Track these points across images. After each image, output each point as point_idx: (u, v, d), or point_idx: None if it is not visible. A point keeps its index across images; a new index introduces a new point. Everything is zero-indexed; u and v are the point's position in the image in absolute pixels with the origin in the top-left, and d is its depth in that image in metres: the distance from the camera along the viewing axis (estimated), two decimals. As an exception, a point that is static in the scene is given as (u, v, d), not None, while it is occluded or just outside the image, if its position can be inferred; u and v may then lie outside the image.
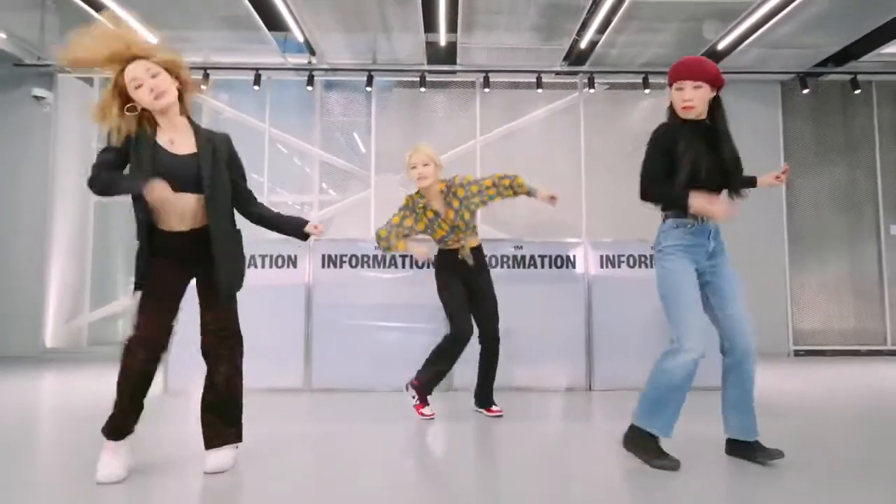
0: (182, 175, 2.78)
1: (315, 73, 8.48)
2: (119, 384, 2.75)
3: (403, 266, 5.64)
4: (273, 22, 7.35)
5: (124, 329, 9.09)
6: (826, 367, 7.26)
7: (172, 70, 2.83)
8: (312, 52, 8.22)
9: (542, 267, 5.77)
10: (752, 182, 3.34)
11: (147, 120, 2.82)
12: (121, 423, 2.78)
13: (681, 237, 2.99)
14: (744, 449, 3.04)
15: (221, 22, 7.29)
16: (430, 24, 7.36)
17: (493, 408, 4.33)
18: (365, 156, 9.02)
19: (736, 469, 2.96)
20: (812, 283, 8.73)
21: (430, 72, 8.51)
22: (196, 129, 2.95)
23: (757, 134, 8.72)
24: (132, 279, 2.89)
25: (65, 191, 8.61)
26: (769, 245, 8.62)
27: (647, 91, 8.54)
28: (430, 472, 3.15)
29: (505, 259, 5.78)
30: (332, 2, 6.66)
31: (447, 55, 8.21)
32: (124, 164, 2.79)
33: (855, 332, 8.65)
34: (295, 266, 5.73)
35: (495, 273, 4.68)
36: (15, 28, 7.59)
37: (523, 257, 5.79)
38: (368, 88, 8.49)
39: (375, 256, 5.69)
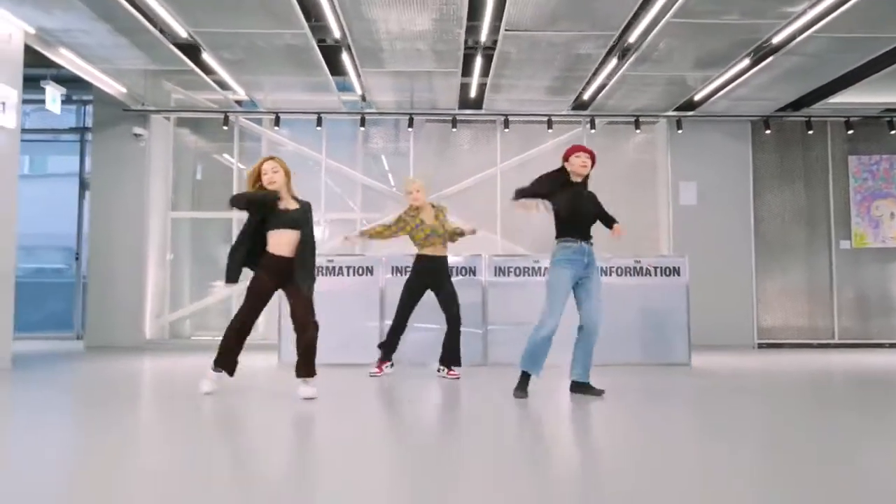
0: (289, 221, 5.77)
1: (366, 115, 11.63)
2: (224, 338, 5.79)
3: (455, 275, 8.76)
4: (333, 67, 10.08)
5: (192, 327, 12.26)
6: (782, 356, 10.38)
7: (283, 168, 5.85)
8: (364, 98, 11.33)
9: (553, 276, 8.86)
10: (610, 224, 6.08)
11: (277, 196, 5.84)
12: (222, 361, 5.83)
13: (568, 255, 5.72)
14: (581, 387, 5.83)
15: (293, 69, 10.06)
16: (465, 72, 10.36)
17: (454, 370, 7.37)
18: (402, 181, 12.16)
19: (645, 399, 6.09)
20: (774, 287, 11.92)
21: (460, 114, 11.67)
22: (298, 201, 5.93)
23: (731, 163, 11.93)
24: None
25: (154, 210, 11.72)
26: (739, 253, 11.80)
27: (638, 131, 11.73)
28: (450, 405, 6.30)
29: (526, 269, 8.90)
30: (389, 54, 9.57)
31: (475, 102, 11.35)
32: (256, 219, 5.78)
33: (809, 329, 11.86)
34: (371, 274, 8.85)
35: (518, 280, 7.86)
36: (129, 85, 10.69)
37: (539, 268, 8.87)
38: (410, 129, 11.66)
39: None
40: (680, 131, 11.68)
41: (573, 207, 5.77)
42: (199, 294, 12.36)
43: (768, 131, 11.73)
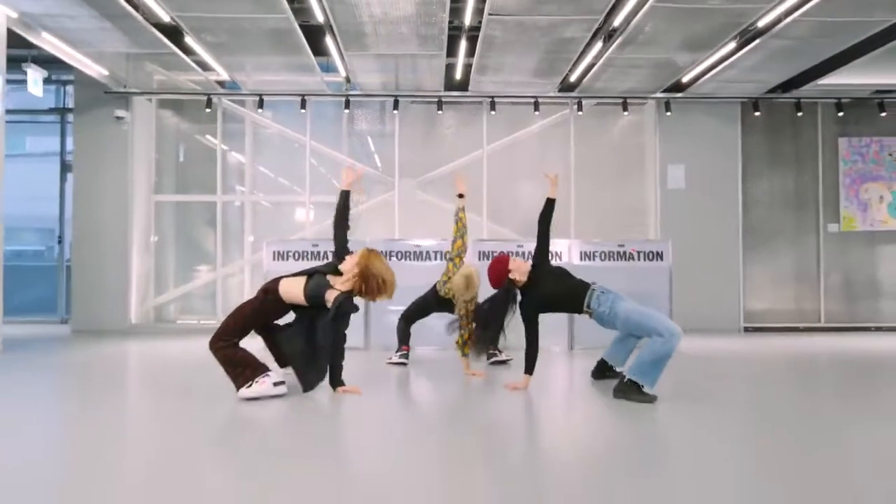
0: None
1: (350, 97, 11.95)
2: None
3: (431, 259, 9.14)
4: (316, 49, 10.35)
5: (176, 311, 12.61)
6: (767, 339, 10.82)
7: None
8: (348, 80, 11.65)
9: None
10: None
11: None
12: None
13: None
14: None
15: (276, 51, 10.33)
16: (450, 53, 10.69)
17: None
18: (388, 163, 12.52)
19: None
20: (762, 271, 12.34)
21: (446, 97, 11.99)
22: None
23: (719, 146, 12.30)
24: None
25: (138, 193, 12.03)
26: (727, 237, 12.20)
27: (626, 113, 12.08)
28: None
29: (511, 254, 9.22)
30: (373, 38, 9.86)
31: (460, 83, 11.69)
32: None
33: (796, 313, 12.29)
34: (356, 259, 9.18)
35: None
36: (111, 67, 10.96)
37: (524, 252, 9.24)
38: (395, 111, 11.98)
39: (415, 252, 9.21)
40: (668, 113, 12.02)
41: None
42: (184, 278, 12.70)
43: (757, 113, 12.06)
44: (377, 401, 5.59)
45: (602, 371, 6.50)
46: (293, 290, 5.66)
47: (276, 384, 5.55)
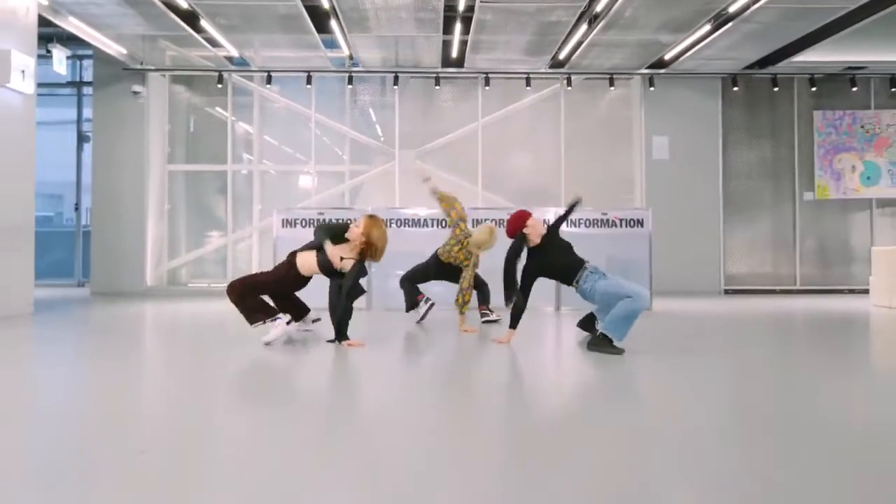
0: None
1: (353, 73, 12.78)
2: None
3: (429, 226, 10.03)
4: (321, 27, 11.15)
5: (187, 275, 13.52)
6: (745, 301, 11.73)
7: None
8: (351, 57, 12.46)
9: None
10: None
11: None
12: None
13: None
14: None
15: (285, 32, 11.18)
16: (446, 31, 11.52)
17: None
18: (389, 135, 13.38)
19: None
20: (741, 237, 13.26)
21: (443, 73, 12.82)
22: None
23: (701, 119, 13.18)
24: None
25: (153, 163, 12.91)
26: (708, 205, 13.13)
27: (612, 88, 12.92)
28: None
29: (503, 221, 10.13)
30: (374, 21, 10.70)
31: (457, 61, 12.51)
32: None
33: (773, 276, 13.23)
34: (360, 226, 10.07)
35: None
36: (129, 46, 11.78)
37: (514, 220, 10.11)
38: (395, 87, 12.82)
39: (413, 220, 10.09)
40: (652, 88, 12.87)
41: None
42: (196, 244, 13.60)
43: (736, 88, 12.96)
44: (380, 353, 6.47)
45: (586, 323, 7.32)
46: (308, 261, 6.56)
47: (288, 322, 6.49)
